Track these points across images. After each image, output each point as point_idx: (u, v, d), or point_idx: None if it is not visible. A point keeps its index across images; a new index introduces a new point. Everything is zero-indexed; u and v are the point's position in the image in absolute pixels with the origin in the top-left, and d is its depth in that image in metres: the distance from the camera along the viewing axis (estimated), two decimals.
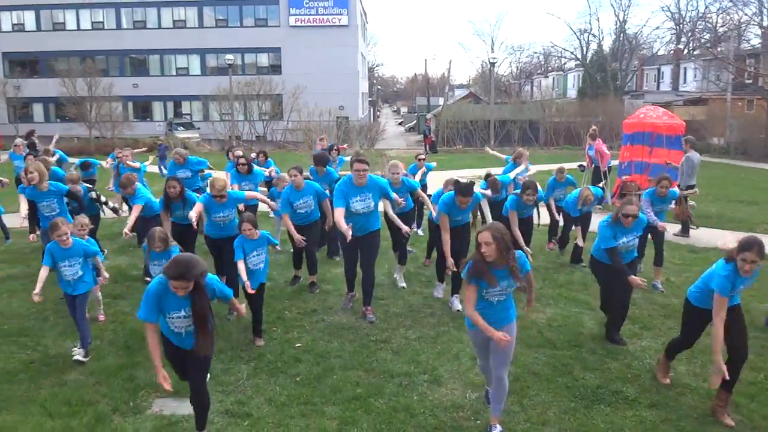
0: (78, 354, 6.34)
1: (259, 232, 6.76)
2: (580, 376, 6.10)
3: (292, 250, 9.06)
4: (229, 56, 37.32)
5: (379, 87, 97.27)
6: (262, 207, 10.51)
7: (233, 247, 6.68)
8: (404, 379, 6.01)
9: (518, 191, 8.84)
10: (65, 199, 8.15)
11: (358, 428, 5.17)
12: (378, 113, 78.21)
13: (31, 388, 5.83)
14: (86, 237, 6.89)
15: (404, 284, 8.96)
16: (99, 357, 6.47)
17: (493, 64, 39.27)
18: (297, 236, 8.02)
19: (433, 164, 12.40)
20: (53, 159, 11.60)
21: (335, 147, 13.06)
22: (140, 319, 4.56)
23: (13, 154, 13.61)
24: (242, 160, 10.02)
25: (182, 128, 40.49)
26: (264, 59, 46.73)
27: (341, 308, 7.87)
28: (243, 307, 5.53)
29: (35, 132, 19.51)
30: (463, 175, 16.47)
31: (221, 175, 8.37)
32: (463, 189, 7.18)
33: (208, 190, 8.07)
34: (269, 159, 12.59)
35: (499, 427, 5.00)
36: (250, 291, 6.48)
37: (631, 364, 6.39)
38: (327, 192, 8.87)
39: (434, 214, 8.05)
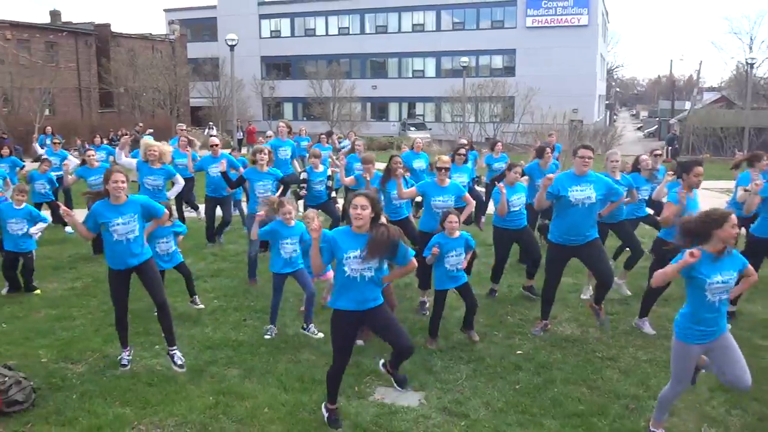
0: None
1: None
2: None
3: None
4: (464, 59, 37.91)
5: (618, 89, 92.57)
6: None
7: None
8: (631, 402, 5.59)
9: None
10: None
11: None
12: (615, 117, 74.50)
13: (270, 361, 6.37)
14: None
15: (628, 292, 8.45)
16: (329, 340, 6.85)
17: (751, 65, 35.36)
18: None
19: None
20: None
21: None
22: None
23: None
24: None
25: (414, 128, 41.94)
26: (498, 61, 46.76)
27: (536, 329, 7.40)
28: None
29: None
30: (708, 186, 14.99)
31: None
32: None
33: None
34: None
35: None
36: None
37: None
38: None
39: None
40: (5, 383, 5.28)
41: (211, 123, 40.25)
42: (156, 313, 6.30)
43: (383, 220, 4.80)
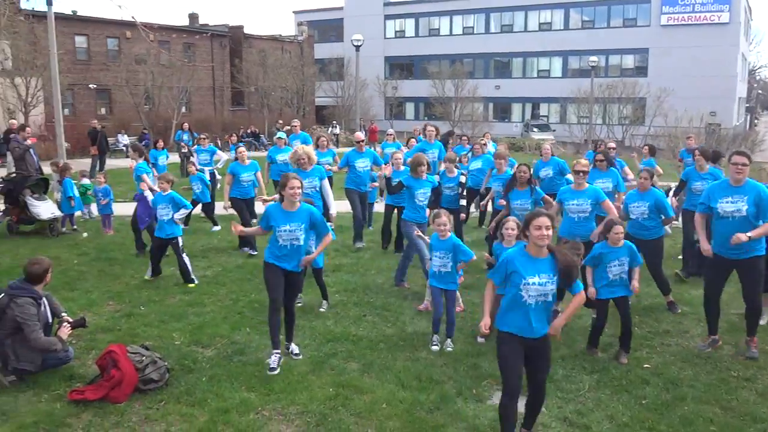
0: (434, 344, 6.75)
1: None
2: None
3: None
4: (593, 58, 36.63)
5: (760, 91, 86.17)
6: None
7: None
8: None
9: None
10: None
11: None
12: (756, 121, 69.41)
13: (388, 358, 6.40)
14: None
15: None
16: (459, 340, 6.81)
17: None
18: None
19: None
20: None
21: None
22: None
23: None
24: None
25: (537, 130, 41.01)
26: (629, 61, 44.87)
27: (702, 344, 6.94)
28: None
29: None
30: None
31: None
32: None
33: None
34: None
35: None
36: None
37: None
38: None
39: None
40: (142, 362, 5.63)
41: (334, 122, 41.29)
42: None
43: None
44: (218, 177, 14.15)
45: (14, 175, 12.67)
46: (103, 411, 5.27)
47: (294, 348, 6.46)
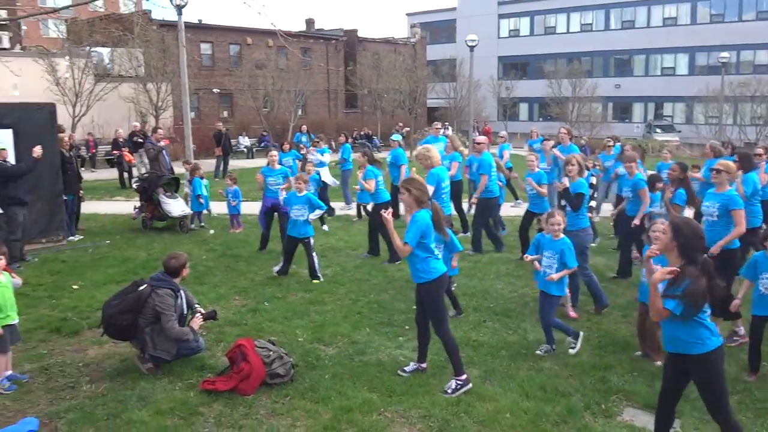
0: (571, 346, 6.52)
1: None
2: None
3: None
4: (723, 54, 34.50)
5: None
6: None
7: None
8: None
9: None
10: None
11: None
12: None
13: (510, 366, 6.25)
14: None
15: None
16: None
17: None
18: None
19: None
20: None
21: None
22: None
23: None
24: None
25: (661, 130, 39.11)
26: (763, 56, 41.84)
27: None
28: None
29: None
30: None
31: None
32: None
33: None
34: None
35: None
36: None
37: None
38: None
39: None
40: (270, 357, 5.79)
41: (447, 123, 41.15)
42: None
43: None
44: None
45: (148, 174, 13.47)
46: (232, 402, 5.46)
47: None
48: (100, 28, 28.39)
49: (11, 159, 10.23)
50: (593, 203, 10.16)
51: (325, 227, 12.77)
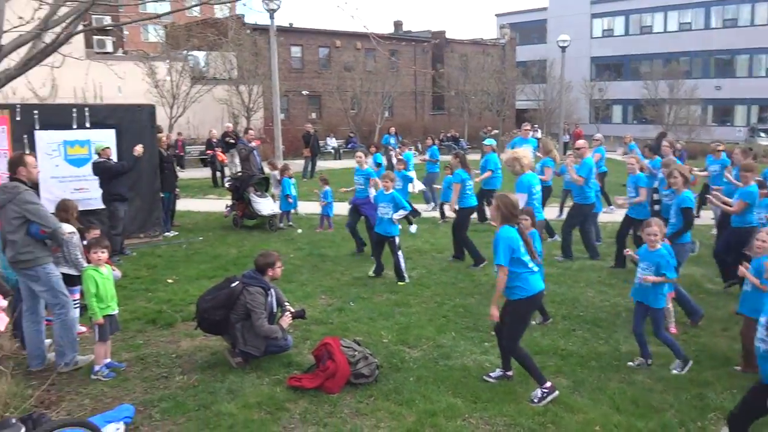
0: (675, 368, 6.22)
1: None
2: None
3: None
4: None
5: None
6: None
7: None
8: None
9: None
10: None
11: None
12: None
13: (600, 377, 6.02)
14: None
15: None
16: (668, 365, 6.27)
17: None
18: None
19: None
20: None
21: None
22: None
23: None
24: None
25: (765, 135, 37.01)
26: None
27: None
28: None
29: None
30: None
31: None
32: None
33: None
34: None
35: None
36: None
37: None
38: None
39: None
40: (355, 357, 5.82)
41: (536, 125, 40.41)
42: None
43: None
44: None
45: (240, 173, 13.87)
46: (317, 399, 5.52)
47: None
48: (196, 32, 29.52)
49: (114, 157, 10.74)
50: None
51: (413, 228, 12.74)
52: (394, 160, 16.10)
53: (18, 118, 10.42)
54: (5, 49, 6.01)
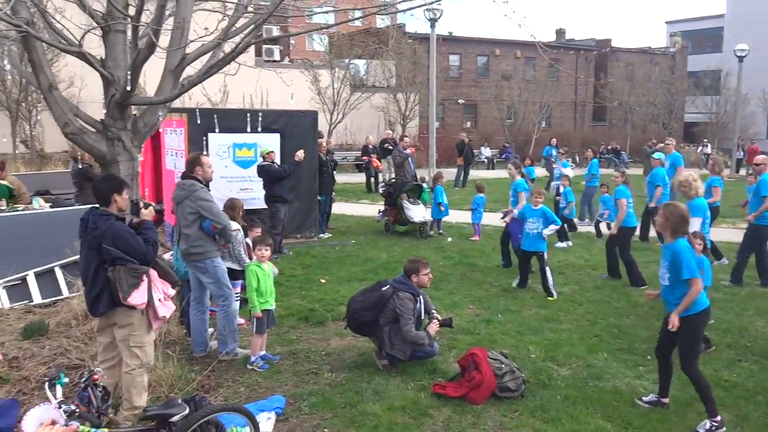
0: None
1: None
2: None
3: None
4: None
5: None
6: None
7: None
8: None
9: None
10: None
11: None
12: None
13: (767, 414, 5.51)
14: None
15: None
16: None
17: None
18: None
19: None
20: None
21: None
22: None
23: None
24: None
25: None
26: None
27: None
28: None
29: None
30: None
31: None
32: None
33: None
34: None
35: None
36: None
37: None
38: None
39: None
40: (501, 369, 5.72)
41: (705, 140, 37.73)
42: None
43: None
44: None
45: (394, 180, 14.14)
46: (461, 409, 5.49)
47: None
48: (358, 41, 30.58)
49: (277, 160, 11.35)
50: None
51: (565, 244, 12.35)
52: (556, 173, 15.67)
53: (198, 122, 11.31)
54: (189, 58, 6.54)
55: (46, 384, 3.69)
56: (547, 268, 9.03)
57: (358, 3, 21.73)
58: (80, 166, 12.08)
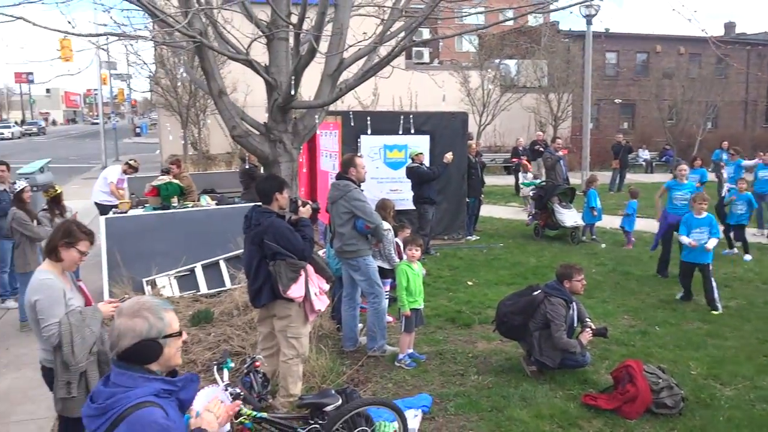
0: None
1: None
2: None
3: None
4: None
5: None
6: None
7: None
8: None
9: None
10: None
11: None
12: None
13: None
14: None
15: None
16: None
17: None
18: None
19: None
20: None
21: None
22: None
23: None
24: None
25: None
26: None
27: None
28: None
29: None
30: None
31: None
32: None
33: None
34: None
35: None
36: None
37: None
38: None
39: None
40: (658, 384, 5.43)
41: None
42: None
43: None
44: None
45: (545, 183, 13.80)
46: (612, 422, 5.28)
47: None
48: (509, 40, 30.10)
49: (426, 161, 11.46)
50: None
51: (747, 257, 11.40)
52: (725, 176, 14.54)
53: (351, 124, 11.68)
54: (346, 62, 6.78)
55: (215, 367, 3.98)
56: (713, 280, 8.41)
57: (512, 2, 21.40)
58: (247, 166, 12.89)
